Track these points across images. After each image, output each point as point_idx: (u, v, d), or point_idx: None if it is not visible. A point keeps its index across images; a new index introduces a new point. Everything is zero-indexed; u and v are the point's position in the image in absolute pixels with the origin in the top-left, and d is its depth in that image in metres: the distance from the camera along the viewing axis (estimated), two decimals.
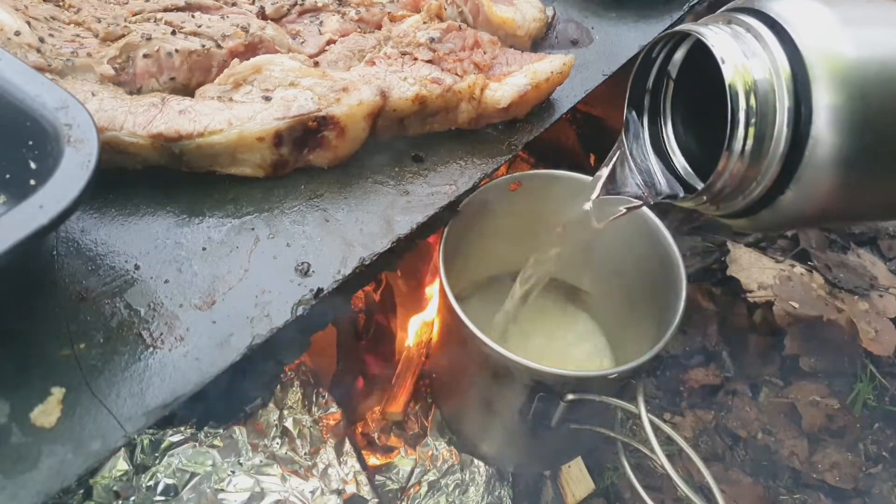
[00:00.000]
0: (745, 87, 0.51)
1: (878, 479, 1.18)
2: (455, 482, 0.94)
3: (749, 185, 0.54)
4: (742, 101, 0.51)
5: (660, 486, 1.11)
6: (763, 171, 0.53)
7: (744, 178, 0.54)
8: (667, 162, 0.67)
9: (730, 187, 0.55)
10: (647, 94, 0.66)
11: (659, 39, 0.61)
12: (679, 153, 0.67)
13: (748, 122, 0.51)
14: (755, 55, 0.52)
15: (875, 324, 1.30)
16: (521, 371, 0.75)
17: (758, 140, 0.52)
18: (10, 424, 0.56)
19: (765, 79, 0.51)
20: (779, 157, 0.51)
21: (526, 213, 0.96)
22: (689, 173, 0.65)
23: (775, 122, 0.51)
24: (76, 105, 0.61)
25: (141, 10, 0.84)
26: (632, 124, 0.67)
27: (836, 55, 0.50)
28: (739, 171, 0.53)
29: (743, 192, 0.55)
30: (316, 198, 0.78)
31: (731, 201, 0.57)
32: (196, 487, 0.60)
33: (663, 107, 0.67)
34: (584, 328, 1.07)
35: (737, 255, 1.40)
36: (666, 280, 0.86)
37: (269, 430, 0.69)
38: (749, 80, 0.51)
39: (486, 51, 0.89)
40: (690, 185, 0.65)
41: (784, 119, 0.51)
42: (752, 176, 0.54)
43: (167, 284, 0.67)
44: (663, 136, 0.67)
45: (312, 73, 0.78)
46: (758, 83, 0.51)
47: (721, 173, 0.54)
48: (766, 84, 0.51)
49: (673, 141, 0.67)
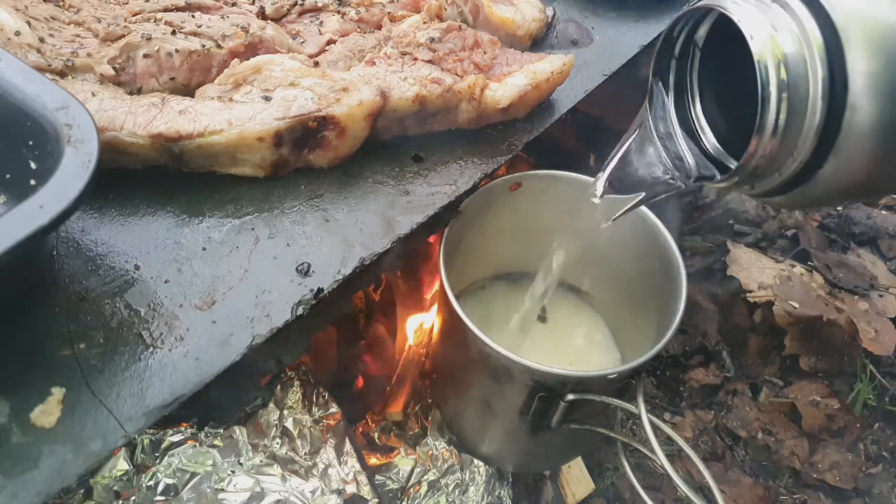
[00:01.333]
0: (775, 61, 0.49)
1: (879, 479, 1.18)
2: (455, 482, 0.94)
3: (785, 162, 0.52)
4: (773, 76, 0.49)
5: (660, 486, 1.12)
6: (799, 145, 0.50)
7: (778, 155, 0.51)
8: (697, 141, 0.64)
9: (764, 165, 0.52)
10: (672, 71, 0.63)
11: (681, 17, 0.58)
12: (709, 132, 0.63)
13: (780, 98, 0.49)
14: (784, 26, 0.49)
15: (875, 324, 1.30)
16: (521, 371, 0.75)
17: (791, 114, 0.49)
18: (11, 424, 0.56)
19: (796, 51, 0.49)
20: (815, 129, 0.49)
21: (527, 214, 0.96)
22: (721, 152, 0.62)
23: (808, 94, 0.48)
24: (76, 105, 0.61)
25: (141, 10, 0.84)
26: (657, 96, 0.64)
27: (870, 18, 0.47)
28: (773, 148, 0.51)
29: (778, 168, 0.53)
30: (316, 198, 0.78)
31: (766, 179, 0.54)
32: (196, 487, 0.60)
33: (690, 83, 0.63)
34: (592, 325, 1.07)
35: (737, 255, 1.40)
36: (666, 280, 0.86)
37: (270, 430, 0.69)
38: (779, 53, 0.49)
39: (486, 51, 0.89)
40: (723, 164, 0.62)
41: (818, 90, 0.48)
42: (788, 151, 0.51)
43: (167, 284, 0.67)
44: (692, 114, 0.64)
45: (312, 73, 0.78)
46: (788, 56, 0.49)
47: (754, 152, 0.51)
48: (798, 56, 0.49)
49: (703, 119, 0.64)
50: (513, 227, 0.97)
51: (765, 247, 1.48)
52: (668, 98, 0.64)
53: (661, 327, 0.83)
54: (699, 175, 0.62)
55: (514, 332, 0.97)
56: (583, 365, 1.01)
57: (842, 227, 1.57)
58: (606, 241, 0.96)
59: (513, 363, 0.74)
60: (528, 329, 0.99)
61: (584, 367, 1.00)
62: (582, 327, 1.07)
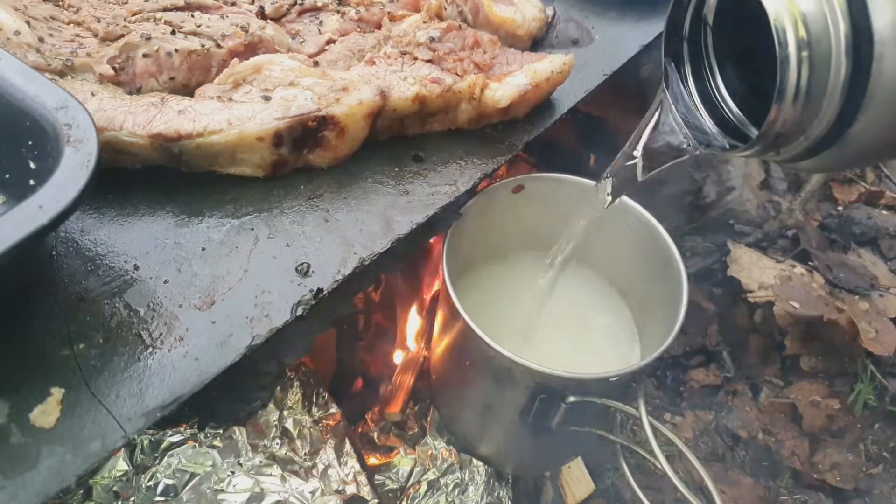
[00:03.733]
0: (792, 20, 0.46)
1: (879, 480, 1.18)
2: (455, 481, 0.94)
3: (811, 124, 0.49)
4: (791, 35, 0.46)
5: (660, 486, 1.11)
6: (824, 106, 0.48)
7: (803, 118, 0.49)
8: (719, 112, 0.62)
9: (789, 130, 0.50)
10: (685, 42, 0.62)
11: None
12: (731, 101, 0.61)
13: (800, 57, 0.46)
14: None
15: (875, 324, 1.30)
16: (524, 373, 0.75)
17: (814, 74, 0.47)
18: (10, 425, 0.56)
19: (814, 7, 0.46)
20: (840, 87, 0.47)
21: (529, 216, 0.96)
22: (744, 121, 0.60)
23: (831, 50, 0.46)
24: (76, 105, 0.61)
25: (140, 9, 0.84)
26: (671, 75, 0.63)
27: None
28: (797, 111, 0.48)
29: (804, 131, 0.50)
30: (316, 198, 0.78)
31: (791, 144, 0.52)
32: (196, 488, 0.60)
33: (706, 54, 0.61)
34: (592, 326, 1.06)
35: (737, 255, 1.40)
36: (667, 281, 0.86)
37: (269, 431, 0.69)
38: (796, 11, 0.46)
39: (486, 50, 0.89)
40: (747, 134, 0.60)
41: (842, 46, 0.46)
42: (813, 113, 0.48)
43: (167, 285, 0.67)
44: (711, 85, 0.62)
45: (312, 72, 0.78)
46: (807, 14, 0.46)
47: (776, 118, 0.49)
48: (817, 12, 0.46)
49: (723, 89, 0.62)
50: (516, 229, 0.97)
51: (765, 247, 1.47)
52: (685, 74, 0.62)
53: (663, 328, 0.83)
54: (720, 145, 0.60)
55: (515, 332, 0.97)
56: (583, 365, 1.01)
57: (842, 228, 1.57)
58: (606, 243, 0.96)
59: (515, 365, 0.73)
60: (529, 331, 0.99)
61: (585, 367, 1.00)
62: (582, 328, 1.07)
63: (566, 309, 1.07)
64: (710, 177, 1.53)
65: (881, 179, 1.77)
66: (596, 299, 1.07)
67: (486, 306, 1.04)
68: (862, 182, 1.75)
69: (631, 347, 1.00)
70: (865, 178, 1.77)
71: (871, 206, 1.66)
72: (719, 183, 1.55)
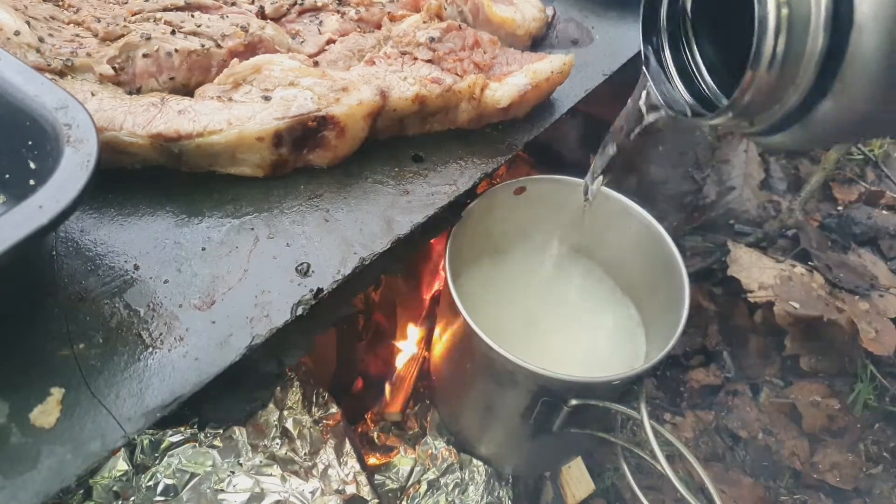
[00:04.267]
0: None
1: (879, 480, 1.18)
2: (454, 481, 0.94)
3: (785, 92, 0.49)
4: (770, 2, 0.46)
5: (660, 486, 1.11)
6: (800, 73, 0.47)
7: (777, 86, 0.48)
8: (694, 85, 0.62)
9: (762, 98, 0.50)
10: (663, 20, 0.62)
11: None
12: (707, 74, 0.61)
13: (779, 19, 0.46)
14: None
15: (875, 324, 1.30)
16: (526, 376, 0.75)
17: (791, 40, 0.46)
18: (10, 425, 0.56)
19: None
20: (817, 55, 0.46)
21: (531, 217, 0.96)
22: (720, 96, 0.60)
23: (810, 16, 0.45)
24: (76, 105, 0.61)
25: (140, 9, 0.84)
26: (651, 56, 0.63)
27: None
28: (771, 77, 0.48)
29: (779, 100, 0.50)
30: (316, 198, 0.78)
31: (765, 113, 0.51)
32: (196, 488, 0.60)
33: (684, 28, 0.61)
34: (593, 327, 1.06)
35: (737, 255, 1.40)
36: (669, 284, 0.86)
37: (269, 431, 0.69)
38: None
39: (486, 50, 0.89)
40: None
41: (821, 13, 0.45)
42: (787, 81, 0.48)
43: (166, 284, 0.67)
44: (687, 58, 0.62)
45: (312, 72, 0.78)
46: None
47: (750, 83, 0.48)
48: None
49: (700, 62, 0.61)
50: (518, 230, 0.97)
51: (765, 247, 1.47)
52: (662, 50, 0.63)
53: (664, 329, 0.83)
54: (693, 112, 0.60)
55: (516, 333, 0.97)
56: (585, 367, 1.01)
57: (842, 227, 1.57)
58: (606, 243, 0.96)
59: (518, 367, 0.73)
60: (531, 332, 0.99)
61: (587, 369, 1.00)
62: (584, 329, 1.07)
63: (568, 310, 1.07)
64: (711, 177, 1.53)
65: (881, 179, 1.77)
66: (599, 300, 1.07)
67: (488, 307, 1.04)
68: (862, 182, 1.75)
69: (633, 349, 1.00)
70: (865, 177, 1.77)
71: (871, 206, 1.66)
72: (719, 183, 1.55)
